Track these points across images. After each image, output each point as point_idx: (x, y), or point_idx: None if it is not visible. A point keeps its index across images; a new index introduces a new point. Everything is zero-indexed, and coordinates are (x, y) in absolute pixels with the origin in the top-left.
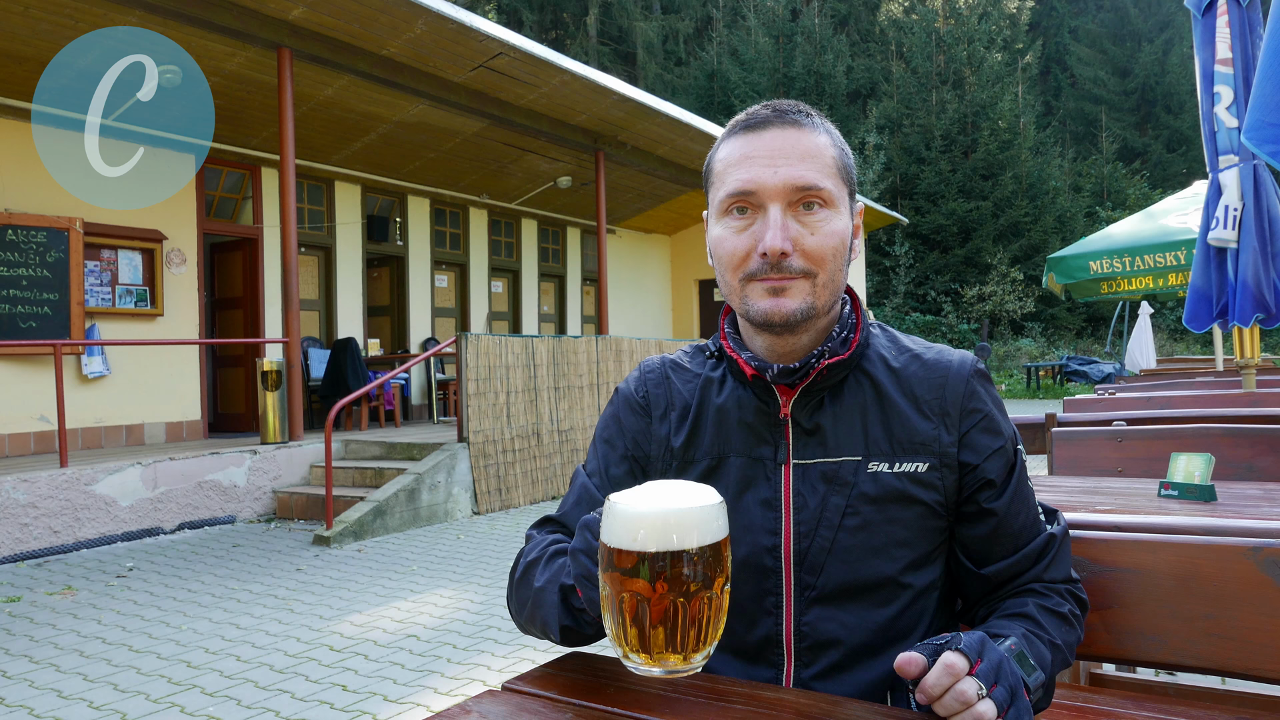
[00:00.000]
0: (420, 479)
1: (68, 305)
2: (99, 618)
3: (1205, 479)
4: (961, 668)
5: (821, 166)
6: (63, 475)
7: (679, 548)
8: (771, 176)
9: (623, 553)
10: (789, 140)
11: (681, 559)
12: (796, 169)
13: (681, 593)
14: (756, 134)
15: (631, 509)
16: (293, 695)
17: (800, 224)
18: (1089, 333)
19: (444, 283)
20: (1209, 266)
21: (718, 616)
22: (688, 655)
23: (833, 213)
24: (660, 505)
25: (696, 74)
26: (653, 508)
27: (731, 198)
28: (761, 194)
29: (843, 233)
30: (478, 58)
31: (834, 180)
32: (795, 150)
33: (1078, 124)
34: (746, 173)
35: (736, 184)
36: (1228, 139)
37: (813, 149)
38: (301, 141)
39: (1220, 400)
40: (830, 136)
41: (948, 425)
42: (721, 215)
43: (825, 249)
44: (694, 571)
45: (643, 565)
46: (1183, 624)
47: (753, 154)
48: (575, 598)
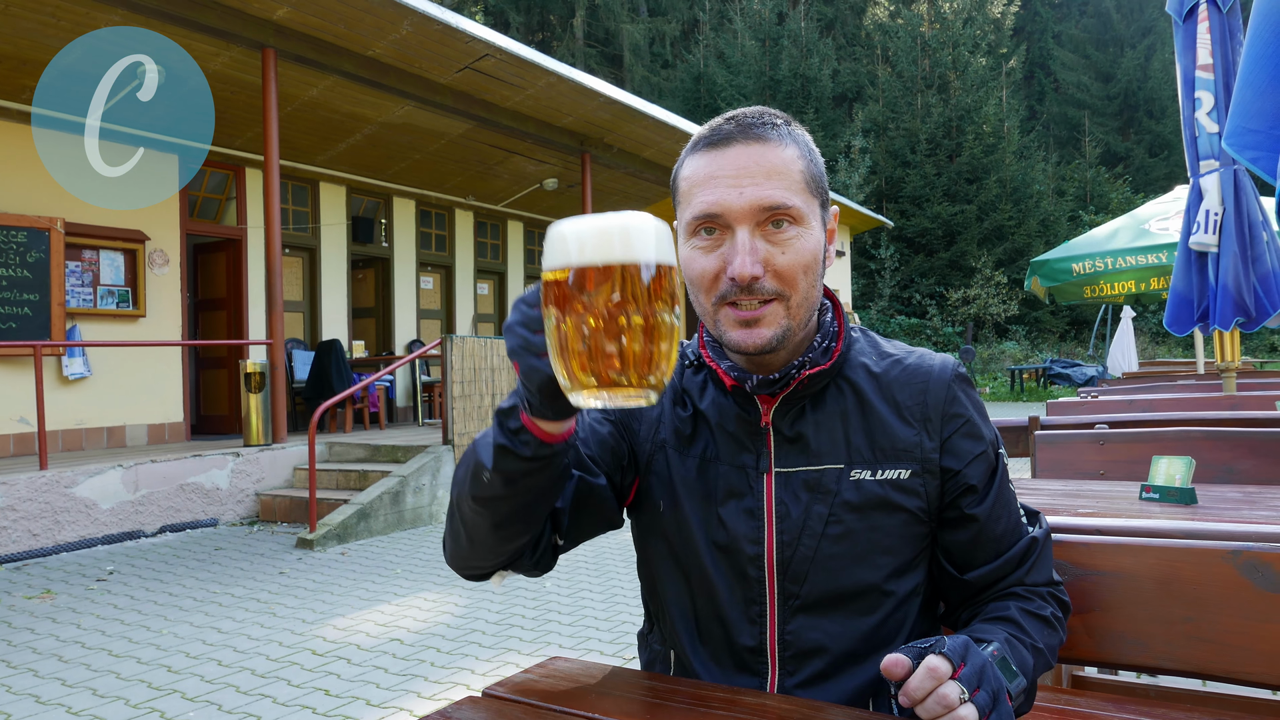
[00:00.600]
0: (405, 482)
1: (48, 306)
2: (78, 622)
3: (1186, 482)
4: (945, 671)
5: (789, 183)
6: (42, 477)
7: (623, 260)
8: (737, 198)
9: (570, 270)
10: (754, 157)
11: (630, 271)
12: (763, 189)
13: (629, 308)
14: (720, 151)
15: (574, 223)
16: (275, 700)
17: (770, 244)
18: (1072, 336)
19: (429, 284)
20: (1190, 270)
21: (670, 342)
22: (642, 380)
23: (803, 229)
24: (604, 219)
25: (683, 76)
26: (596, 221)
27: (698, 220)
28: (728, 216)
29: (814, 248)
30: (464, 59)
31: (803, 195)
32: (761, 168)
33: (1061, 128)
34: (712, 194)
35: (702, 206)
36: (1208, 144)
37: (779, 165)
38: (286, 142)
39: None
40: (798, 147)
41: (929, 431)
42: (689, 236)
43: (796, 267)
44: (642, 287)
45: (589, 280)
46: (1163, 627)
47: (717, 174)
48: (511, 418)
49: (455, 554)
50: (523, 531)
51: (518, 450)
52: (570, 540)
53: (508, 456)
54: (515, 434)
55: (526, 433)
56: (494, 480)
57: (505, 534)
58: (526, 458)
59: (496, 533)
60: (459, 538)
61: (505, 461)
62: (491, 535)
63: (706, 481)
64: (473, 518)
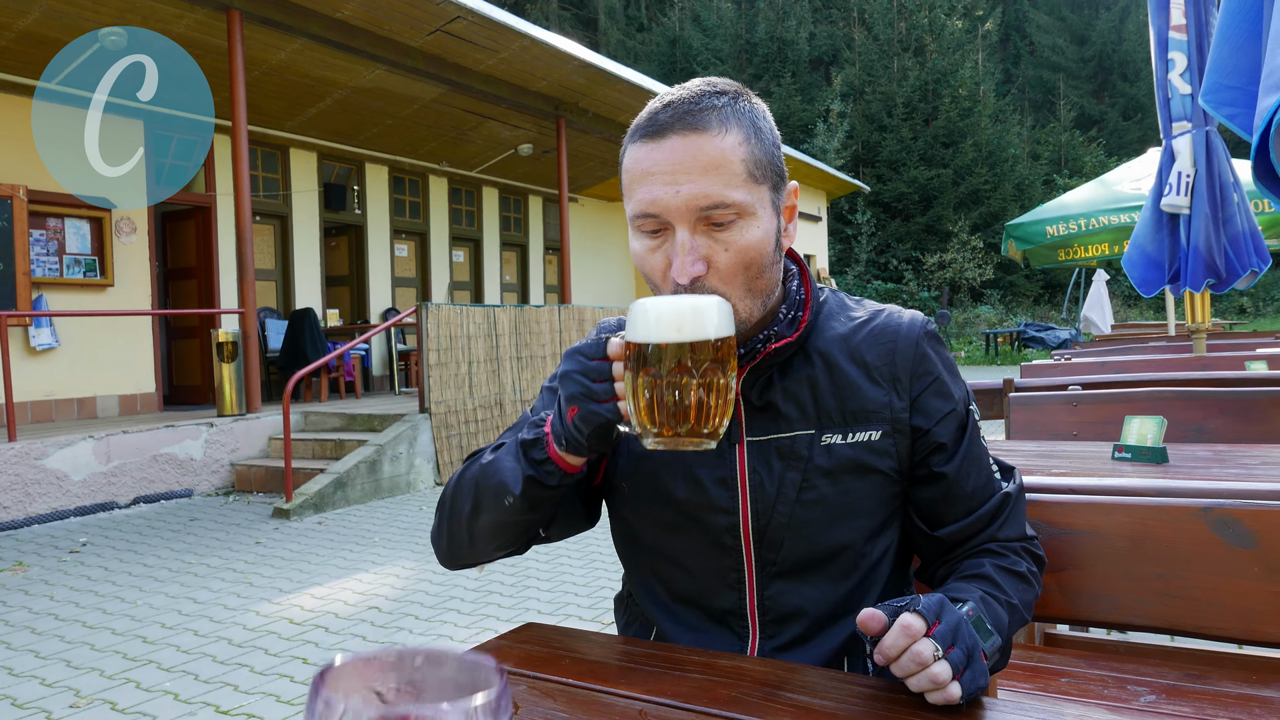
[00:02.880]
0: (381, 450)
1: (13, 275)
2: (51, 594)
3: (1157, 441)
4: (919, 629)
5: (729, 177)
6: (11, 450)
7: (692, 337)
8: (673, 197)
9: (650, 343)
10: (690, 150)
11: (697, 345)
12: (699, 185)
13: (694, 373)
14: (656, 143)
15: (655, 302)
16: (252, 669)
17: (713, 240)
18: (1046, 300)
19: (404, 252)
20: (1161, 232)
21: (724, 398)
22: (701, 429)
23: (748, 221)
24: (679, 301)
25: (659, 40)
26: (673, 302)
27: (640, 217)
28: (665, 215)
29: (762, 239)
30: (435, 21)
31: (745, 187)
32: (697, 162)
33: (1036, 92)
34: (649, 191)
35: (640, 205)
36: (1181, 106)
37: (717, 158)
38: (254, 107)
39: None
40: (741, 130)
41: (899, 391)
42: (634, 230)
43: (738, 265)
44: (705, 356)
45: (665, 350)
46: (1135, 584)
47: (653, 169)
48: (536, 450)
49: (452, 555)
50: (524, 538)
51: (544, 480)
52: (555, 536)
53: (534, 485)
54: (541, 465)
55: (551, 464)
56: (518, 504)
57: (510, 542)
58: (550, 487)
59: (501, 543)
60: (460, 544)
61: (532, 490)
62: (495, 545)
63: (675, 453)
64: (480, 534)
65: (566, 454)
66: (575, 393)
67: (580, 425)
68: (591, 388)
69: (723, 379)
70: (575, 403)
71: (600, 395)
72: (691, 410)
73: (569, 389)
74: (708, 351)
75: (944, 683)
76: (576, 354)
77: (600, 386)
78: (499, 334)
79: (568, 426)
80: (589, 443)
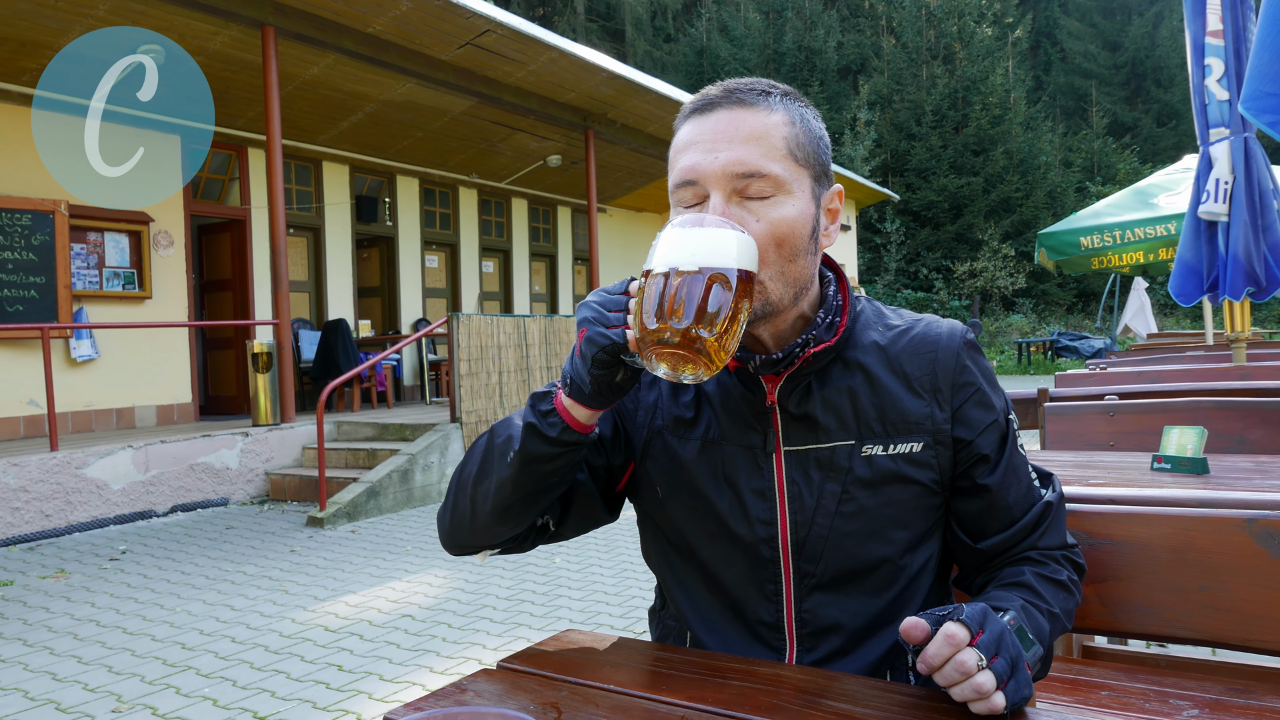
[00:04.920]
0: (413, 460)
1: (54, 288)
2: (92, 600)
3: (1198, 452)
4: (963, 638)
5: (768, 148)
6: (53, 459)
7: (720, 265)
8: (711, 163)
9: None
10: (734, 122)
11: (725, 272)
12: (737, 152)
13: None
14: (704, 117)
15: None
16: (288, 676)
17: (746, 210)
18: (1080, 308)
19: (434, 263)
20: (1199, 240)
21: (737, 325)
22: (712, 349)
23: (784, 197)
24: (708, 230)
25: (686, 50)
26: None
27: (678, 187)
28: (703, 181)
29: (797, 219)
30: (465, 35)
31: (785, 162)
32: (739, 132)
33: (1068, 99)
34: (689, 159)
35: (679, 173)
36: (1218, 112)
37: (759, 130)
38: (288, 121)
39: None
40: (788, 114)
41: (940, 402)
42: (674, 204)
43: (771, 237)
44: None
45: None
46: (1177, 596)
47: (697, 139)
48: (544, 401)
49: (453, 530)
50: (525, 518)
51: (544, 431)
52: (564, 529)
53: (534, 436)
54: (545, 415)
55: (556, 415)
56: (514, 460)
57: (508, 518)
58: (550, 439)
59: (501, 516)
60: (461, 516)
61: (530, 441)
62: (495, 519)
63: (711, 463)
64: (481, 500)
65: (573, 402)
66: (588, 317)
67: (585, 349)
68: (605, 315)
69: (735, 303)
70: (585, 326)
71: (611, 321)
72: (696, 308)
73: (583, 315)
74: (724, 279)
75: (988, 692)
76: (600, 290)
77: (614, 315)
78: (529, 344)
79: (575, 361)
80: (593, 374)
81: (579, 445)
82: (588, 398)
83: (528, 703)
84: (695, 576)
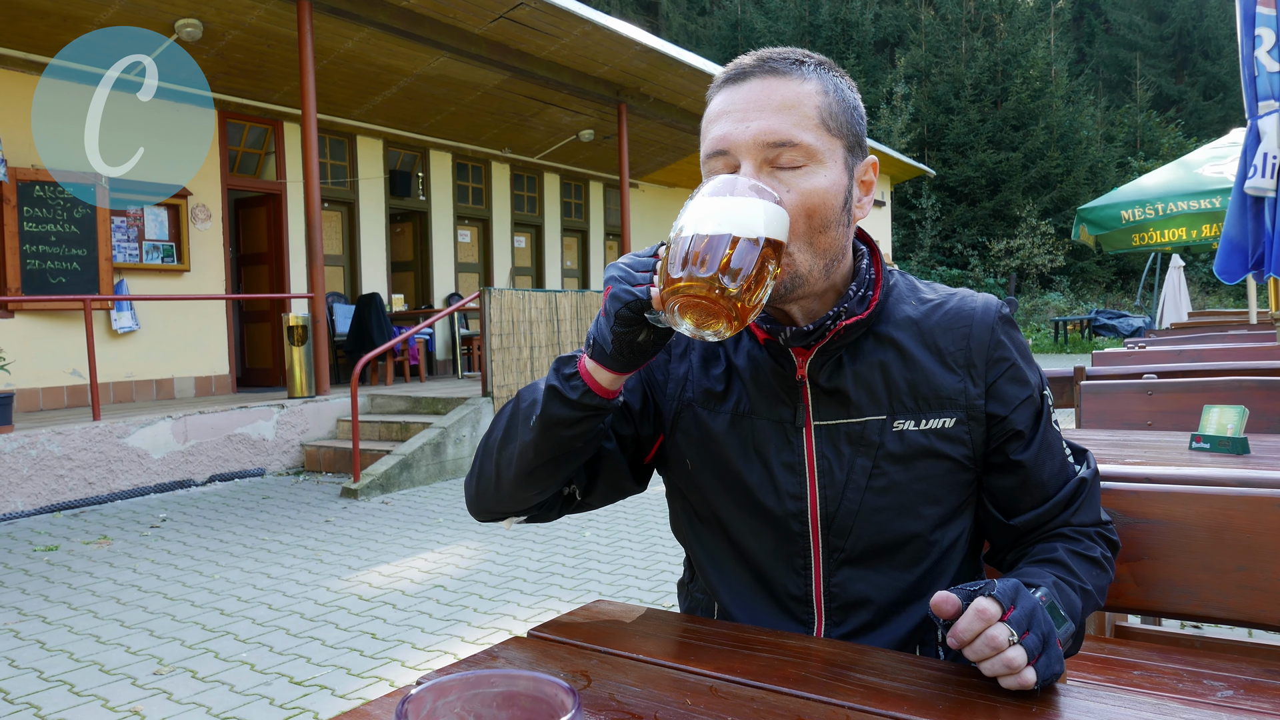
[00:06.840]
0: (445, 433)
1: (96, 261)
2: (134, 566)
3: (1239, 431)
4: (994, 613)
5: (799, 118)
6: (96, 428)
7: (749, 234)
8: (742, 132)
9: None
10: (766, 91)
11: (753, 240)
12: (768, 121)
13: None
14: (736, 86)
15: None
16: (323, 642)
17: (777, 180)
18: (1119, 286)
19: (467, 238)
20: (1245, 216)
21: (762, 285)
22: (738, 305)
23: (816, 167)
24: (738, 199)
25: (720, 23)
26: (730, 198)
27: (710, 157)
28: (734, 151)
29: (828, 189)
30: (498, 8)
31: (816, 132)
32: (770, 101)
33: (1111, 71)
34: (721, 128)
35: (711, 143)
36: (1268, 84)
37: (791, 99)
38: (323, 96)
39: (1253, 353)
40: (821, 83)
41: (974, 377)
42: (706, 176)
43: (802, 208)
44: (759, 250)
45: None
46: (1214, 575)
47: (729, 109)
48: (568, 365)
49: (479, 495)
50: (548, 484)
51: (566, 394)
52: (591, 498)
53: (555, 399)
54: (568, 379)
55: (578, 378)
56: (536, 424)
57: (531, 483)
58: (572, 401)
59: (525, 481)
60: (486, 481)
61: (552, 404)
62: (519, 484)
63: (741, 436)
64: (505, 465)
65: (596, 365)
66: (615, 276)
67: (610, 305)
68: (633, 274)
69: (760, 262)
70: (611, 283)
71: (638, 280)
72: (721, 260)
73: (611, 274)
74: (751, 240)
75: (1019, 667)
76: (630, 254)
77: (642, 275)
78: (560, 319)
79: (599, 321)
80: (616, 332)
81: (601, 410)
82: (610, 358)
83: (557, 670)
84: (724, 550)
